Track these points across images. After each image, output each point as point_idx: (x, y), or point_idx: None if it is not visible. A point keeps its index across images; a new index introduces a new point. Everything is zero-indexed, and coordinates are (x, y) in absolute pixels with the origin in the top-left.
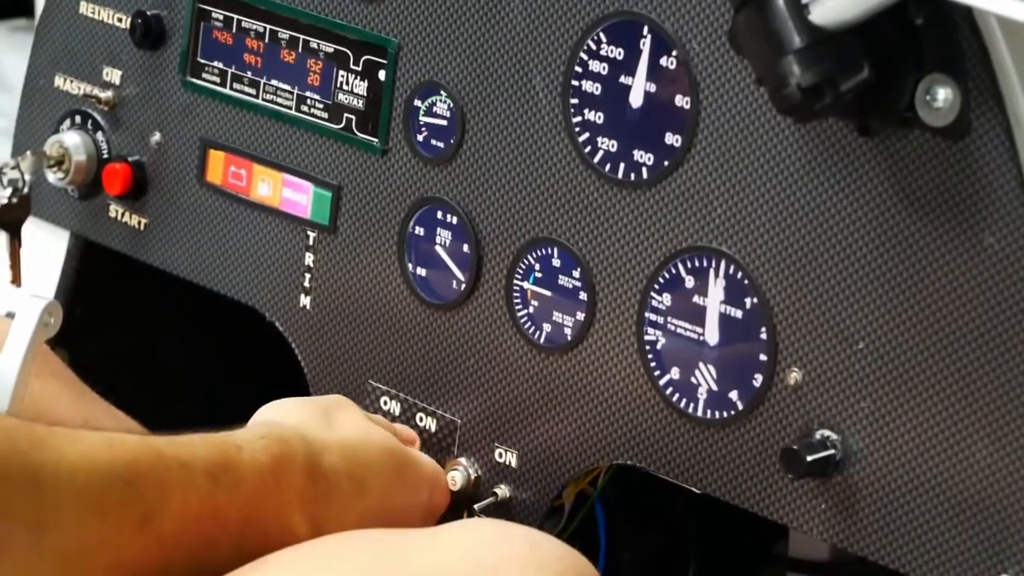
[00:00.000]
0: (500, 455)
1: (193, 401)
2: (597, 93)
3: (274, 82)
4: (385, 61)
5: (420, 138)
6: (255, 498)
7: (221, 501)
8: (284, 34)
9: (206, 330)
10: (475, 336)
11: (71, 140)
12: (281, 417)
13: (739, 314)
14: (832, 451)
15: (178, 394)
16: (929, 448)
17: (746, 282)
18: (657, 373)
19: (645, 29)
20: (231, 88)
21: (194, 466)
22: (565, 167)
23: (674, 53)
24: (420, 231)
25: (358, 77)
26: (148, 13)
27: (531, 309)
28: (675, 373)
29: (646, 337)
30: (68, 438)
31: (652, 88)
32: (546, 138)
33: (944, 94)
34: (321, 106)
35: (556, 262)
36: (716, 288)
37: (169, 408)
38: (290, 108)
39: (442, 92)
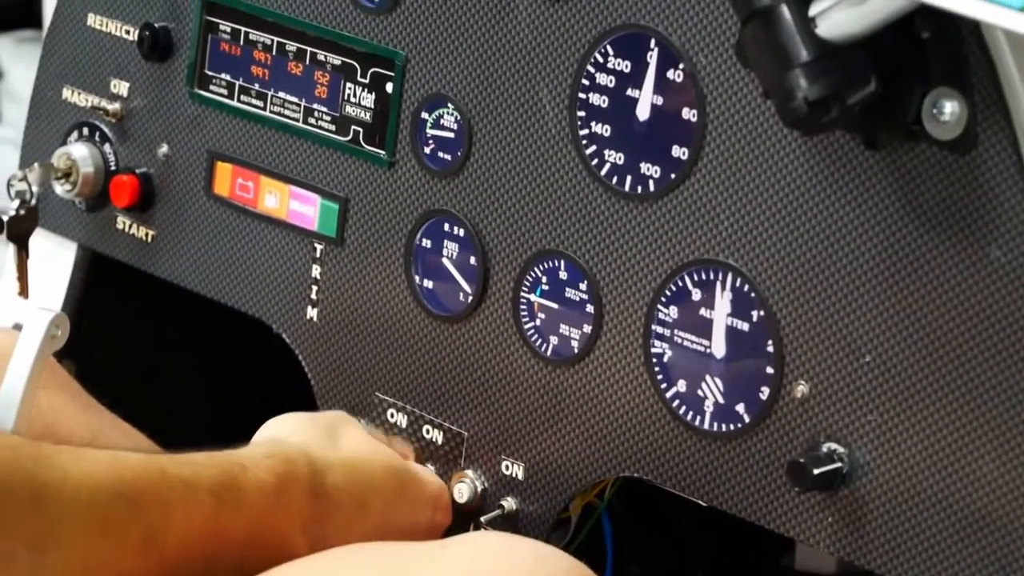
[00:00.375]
0: (507, 467)
1: (200, 413)
2: (604, 106)
3: (281, 94)
4: (392, 73)
5: (427, 150)
6: (258, 518)
7: (224, 521)
8: (291, 46)
9: (213, 342)
10: (482, 348)
11: (79, 152)
12: (286, 434)
13: (746, 327)
14: (839, 464)
15: (185, 406)
16: (936, 461)
17: (753, 295)
18: (664, 386)
19: (652, 42)
20: (238, 100)
21: (198, 485)
22: (572, 180)
23: (681, 66)
24: (427, 243)
25: (365, 89)
26: (156, 25)
27: (538, 322)
28: (682, 386)
29: (653, 350)
30: (73, 456)
31: (659, 101)
32: (553, 151)
33: (951, 107)
34: (328, 118)
35: (563, 275)
36: (723, 301)
37: (176, 420)
38: (297, 120)
39: (449, 104)
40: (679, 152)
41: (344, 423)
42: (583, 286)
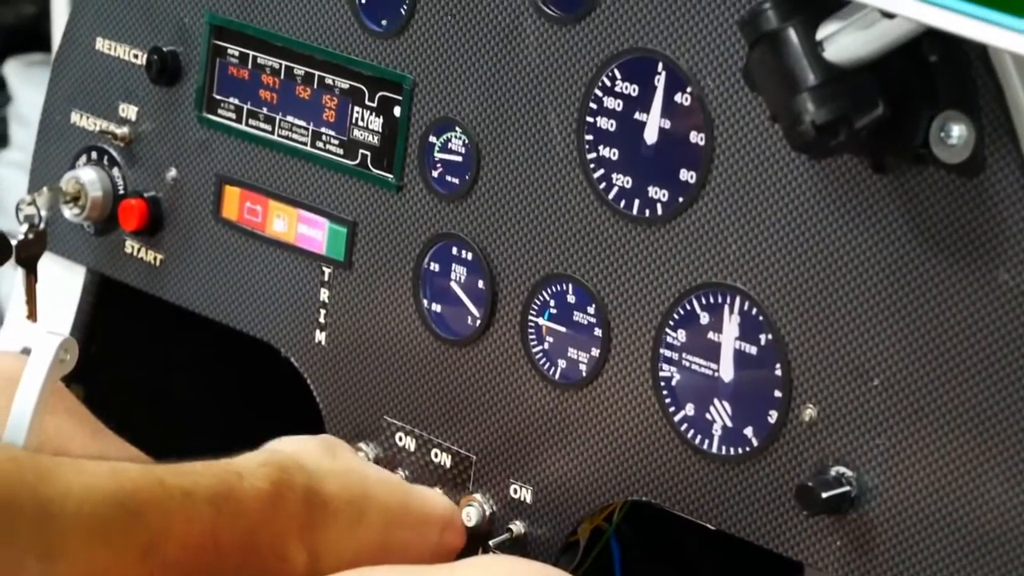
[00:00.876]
0: (515, 491)
1: (208, 437)
2: (612, 129)
3: (290, 118)
4: (400, 97)
5: (435, 174)
6: (254, 526)
7: (222, 529)
8: (300, 70)
9: (221, 366)
10: (490, 372)
11: (87, 176)
12: (284, 447)
13: (754, 350)
14: (847, 488)
15: (193, 430)
16: (945, 485)
17: (761, 318)
18: (672, 409)
19: (660, 66)
20: (247, 124)
21: (196, 495)
22: (580, 203)
23: (689, 90)
24: (435, 267)
25: (373, 113)
26: (164, 49)
27: (546, 345)
28: (690, 409)
29: (661, 373)
30: (73, 469)
31: (667, 124)
32: (561, 174)
33: (958, 131)
34: (336, 142)
35: (571, 298)
36: (731, 324)
37: (184, 444)
38: (305, 144)
39: (457, 128)
40: (687, 176)
41: (340, 445)
42: (591, 310)
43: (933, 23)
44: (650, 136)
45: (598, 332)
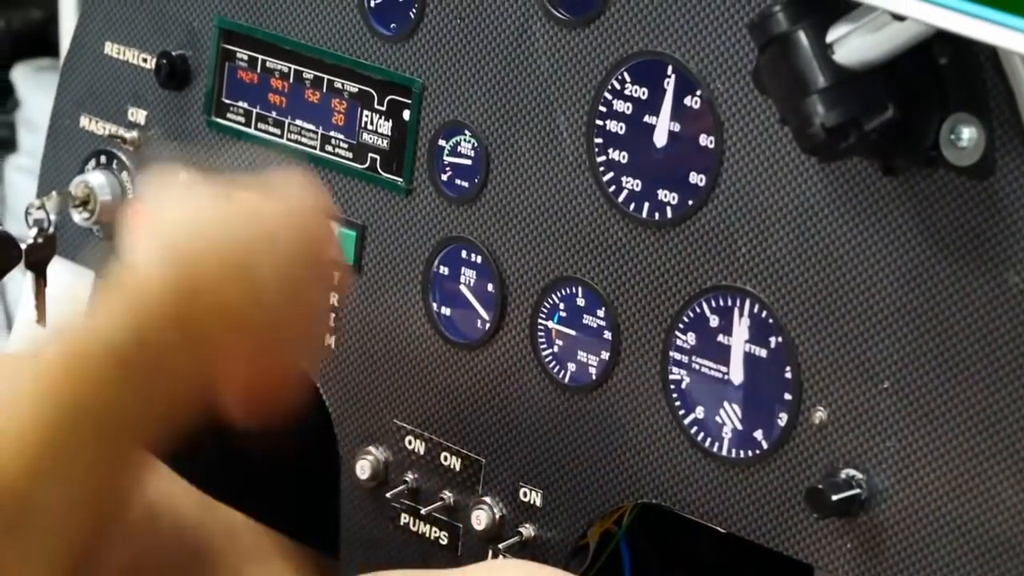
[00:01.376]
0: (525, 494)
1: (213, 439)
2: (621, 132)
3: (299, 122)
4: (409, 101)
5: (444, 177)
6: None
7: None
8: (309, 74)
9: None
10: (500, 375)
11: (96, 180)
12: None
13: (764, 353)
14: (857, 490)
15: (199, 433)
16: (956, 487)
17: (771, 321)
18: (682, 412)
19: (669, 69)
20: (256, 128)
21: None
22: (589, 206)
23: (698, 93)
24: (445, 270)
25: (382, 117)
26: (173, 53)
27: (556, 348)
28: (700, 412)
29: (671, 376)
30: (14, 434)
31: (676, 127)
32: (570, 177)
33: (968, 133)
34: (346, 146)
35: (581, 301)
36: (741, 327)
37: (189, 446)
38: (315, 148)
39: (466, 132)
40: (696, 179)
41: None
42: (601, 313)
43: (943, 25)
44: (660, 139)
45: (608, 335)
